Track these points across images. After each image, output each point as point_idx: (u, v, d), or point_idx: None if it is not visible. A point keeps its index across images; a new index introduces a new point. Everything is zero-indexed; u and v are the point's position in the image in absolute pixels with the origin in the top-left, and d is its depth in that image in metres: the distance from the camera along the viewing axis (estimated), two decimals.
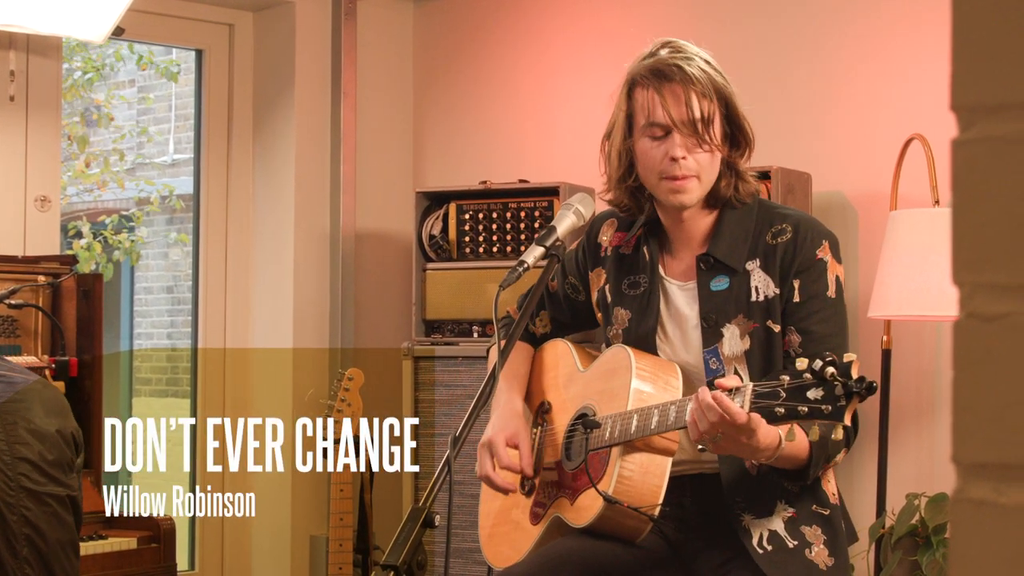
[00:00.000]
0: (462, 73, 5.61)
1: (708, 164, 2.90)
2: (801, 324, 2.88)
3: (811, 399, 2.50)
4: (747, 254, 2.93)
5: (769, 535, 2.88)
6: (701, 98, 2.86)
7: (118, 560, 4.26)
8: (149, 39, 5.85)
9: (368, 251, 5.55)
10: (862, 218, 4.49)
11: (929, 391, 4.35)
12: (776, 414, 2.53)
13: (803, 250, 2.90)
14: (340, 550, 4.35)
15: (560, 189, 4.73)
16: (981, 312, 0.97)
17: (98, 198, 9.09)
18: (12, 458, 2.93)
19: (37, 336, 4.46)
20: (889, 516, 4.10)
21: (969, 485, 0.97)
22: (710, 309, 2.93)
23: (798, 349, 2.88)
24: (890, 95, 4.45)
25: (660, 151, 2.88)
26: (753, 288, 2.91)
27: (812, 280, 2.90)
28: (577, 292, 3.23)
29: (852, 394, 2.47)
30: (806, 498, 2.92)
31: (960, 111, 0.97)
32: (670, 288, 3.01)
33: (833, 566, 2.92)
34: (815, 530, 2.91)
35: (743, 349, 2.89)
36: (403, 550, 2.47)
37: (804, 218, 2.97)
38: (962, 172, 0.97)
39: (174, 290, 9.23)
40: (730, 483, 2.90)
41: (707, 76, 2.88)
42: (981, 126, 0.96)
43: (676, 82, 2.86)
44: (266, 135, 5.50)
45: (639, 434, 2.82)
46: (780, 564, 2.85)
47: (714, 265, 2.94)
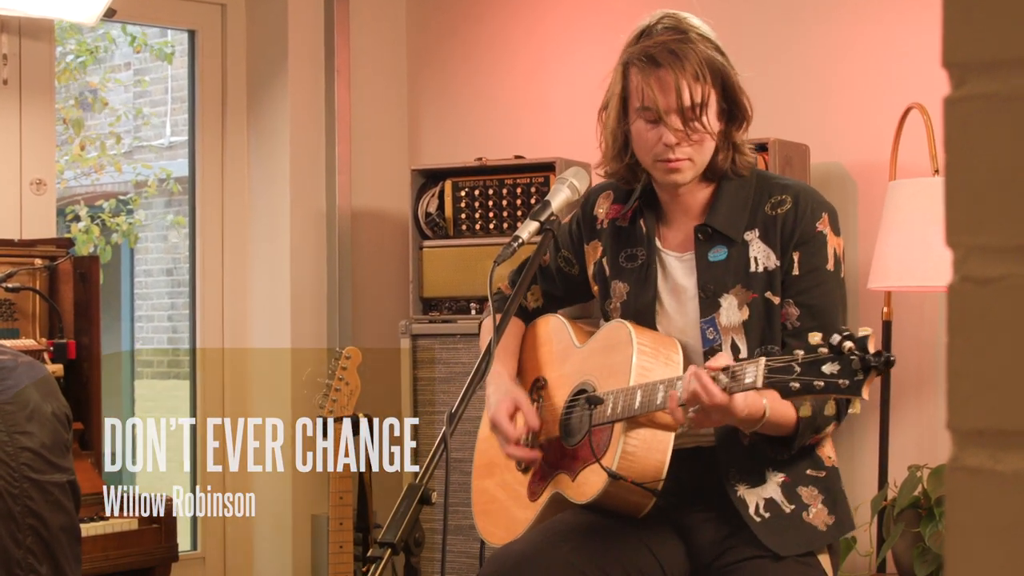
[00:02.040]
0: (456, 49, 5.58)
1: (700, 146, 2.88)
2: (799, 297, 2.87)
3: (827, 373, 2.47)
4: (745, 224, 2.92)
5: (765, 503, 2.87)
6: (694, 82, 2.84)
7: (119, 541, 4.25)
8: (141, 20, 5.81)
9: (364, 230, 5.53)
10: (861, 189, 4.47)
11: (930, 362, 4.33)
12: (791, 388, 2.51)
13: (803, 222, 2.89)
14: (340, 528, 4.34)
15: (556, 164, 4.71)
16: (976, 275, 0.94)
17: (96, 182, 9.07)
18: (15, 448, 2.92)
19: (35, 319, 4.45)
20: (891, 488, 4.09)
21: (965, 453, 0.95)
22: (708, 279, 2.92)
23: (796, 322, 2.87)
24: (888, 64, 4.43)
25: (654, 135, 2.87)
26: (752, 259, 2.90)
27: (811, 253, 2.89)
28: (571, 265, 3.21)
29: (870, 368, 2.44)
30: (799, 462, 2.91)
31: (952, 68, 0.95)
32: (668, 260, 2.99)
33: (833, 524, 2.90)
34: (811, 491, 2.90)
35: (741, 320, 2.88)
36: (400, 527, 2.46)
37: (804, 189, 2.95)
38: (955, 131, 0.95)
39: (174, 272, 9.22)
40: (725, 454, 2.89)
41: (701, 56, 2.85)
42: (974, 83, 0.94)
43: (667, 68, 2.84)
44: (260, 115, 5.48)
45: (643, 410, 2.80)
46: (778, 531, 2.85)
47: (712, 235, 2.93)
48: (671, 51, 2.84)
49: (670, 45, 2.85)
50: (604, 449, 2.89)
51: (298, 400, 5.27)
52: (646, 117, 2.88)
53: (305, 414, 5.22)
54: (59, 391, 3.15)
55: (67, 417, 3.10)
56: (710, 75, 2.85)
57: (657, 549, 2.96)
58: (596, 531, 2.94)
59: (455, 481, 4.50)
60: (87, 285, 4.53)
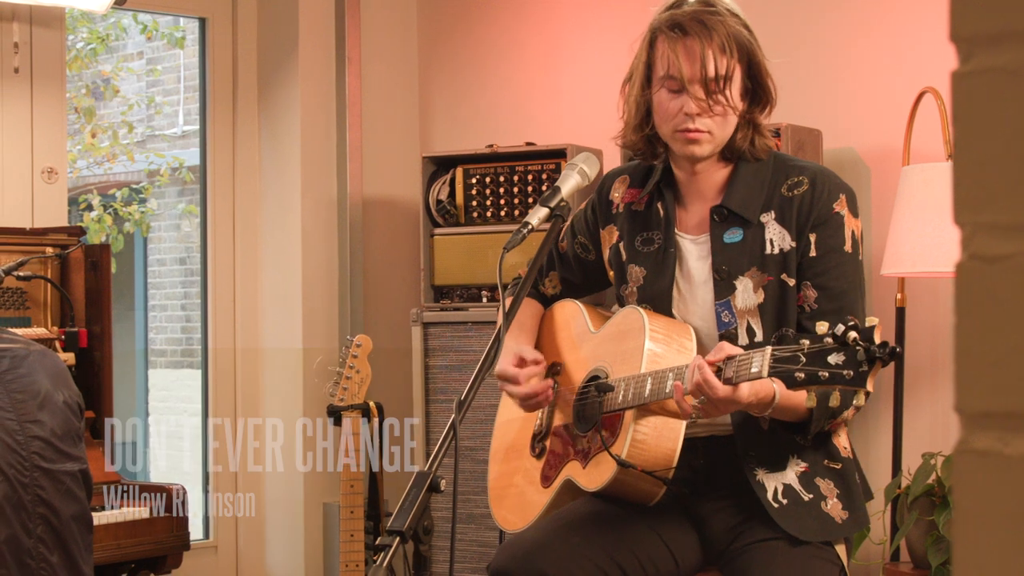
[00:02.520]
0: (467, 36, 5.56)
1: (723, 120, 2.87)
2: (817, 279, 2.86)
3: (832, 364, 2.46)
4: (762, 206, 2.90)
5: (784, 489, 2.85)
6: (720, 54, 2.83)
7: (131, 529, 4.24)
8: (151, 8, 5.80)
9: (375, 217, 5.51)
10: (874, 174, 4.44)
11: (944, 349, 4.30)
12: (796, 379, 2.50)
13: (820, 203, 2.87)
14: (351, 517, 4.33)
15: (567, 151, 4.69)
16: (983, 253, 0.92)
17: (108, 171, 9.06)
18: (25, 437, 2.91)
19: (46, 308, 4.45)
20: (905, 476, 4.06)
21: (973, 435, 0.92)
22: (723, 261, 2.90)
23: (813, 304, 2.85)
24: (901, 49, 4.40)
25: (675, 104, 2.86)
26: (768, 240, 2.88)
27: (829, 234, 2.87)
28: (587, 252, 3.20)
29: (875, 359, 2.43)
30: (817, 452, 2.90)
31: (959, 42, 0.93)
32: (683, 243, 2.98)
33: (848, 519, 2.89)
34: (828, 484, 2.89)
35: (756, 302, 2.87)
36: (409, 515, 2.45)
37: (821, 171, 2.94)
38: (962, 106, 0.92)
39: (187, 261, 9.21)
40: (744, 439, 2.88)
41: (729, 30, 2.84)
42: (981, 57, 0.91)
43: (694, 37, 2.83)
44: (271, 103, 5.46)
45: (653, 398, 2.79)
46: (795, 518, 2.83)
47: (728, 217, 2.91)
48: (700, 21, 2.83)
49: (699, 16, 2.84)
50: (614, 437, 2.88)
51: (309, 389, 5.26)
52: (669, 86, 2.87)
53: (316, 403, 5.22)
54: (71, 379, 3.15)
55: (79, 406, 3.09)
56: (737, 50, 2.84)
57: (670, 539, 2.95)
58: (609, 520, 2.92)
59: (465, 469, 4.49)
60: (98, 273, 4.53)
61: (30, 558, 2.88)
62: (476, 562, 4.67)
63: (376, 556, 2.42)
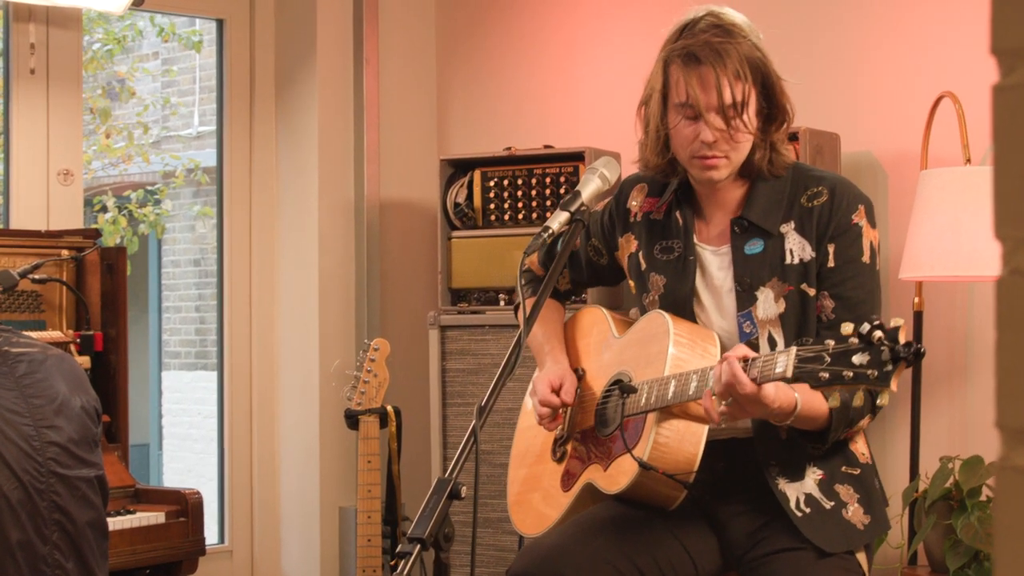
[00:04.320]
0: (485, 38, 5.56)
1: (739, 145, 2.87)
2: (835, 289, 2.86)
3: (856, 364, 2.46)
4: (782, 217, 2.91)
5: (805, 498, 2.86)
6: (735, 80, 2.83)
7: (146, 535, 4.23)
8: (168, 9, 5.79)
9: (393, 220, 5.51)
10: (892, 178, 4.43)
11: (961, 353, 4.29)
12: (820, 379, 2.50)
13: (838, 214, 2.88)
14: (368, 522, 4.32)
15: (585, 154, 4.68)
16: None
17: (123, 172, 9.08)
18: (42, 443, 2.90)
19: (61, 311, 4.44)
20: (923, 479, 4.06)
21: (1014, 452, 0.91)
22: (744, 272, 2.91)
23: (831, 315, 2.86)
24: (919, 52, 4.39)
25: (691, 131, 2.87)
26: (788, 251, 2.89)
27: (847, 245, 2.88)
28: (599, 255, 3.23)
29: (899, 359, 2.43)
30: (834, 459, 2.91)
31: (1001, 55, 0.92)
32: (703, 254, 2.99)
33: (870, 524, 2.89)
34: (847, 489, 2.90)
35: (778, 312, 2.88)
36: (430, 522, 2.44)
37: (840, 181, 2.94)
38: (1003, 120, 0.91)
39: (201, 263, 9.22)
40: (764, 447, 2.88)
41: (743, 54, 2.83)
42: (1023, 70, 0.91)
43: (708, 66, 2.83)
44: (289, 105, 5.46)
45: (676, 400, 2.80)
46: (819, 526, 2.84)
47: (748, 228, 2.92)
48: (713, 48, 2.83)
49: (712, 42, 2.83)
50: (636, 439, 2.88)
51: (325, 391, 5.26)
52: (686, 114, 2.87)
53: (332, 405, 5.22)
54: (89, 384, 3.14)
55: (96, 411, 3.08)
56: (751, 74, 2.84)
57: (689, 544, 2.95)
58: (628, 525, 2.92)
59: (482, 473, 4.49)
60: (114, 276, 4.52)
61: (45, 564, 2.87)
62: (493, 566, 4.67)
63: (395, 562, 2.42)
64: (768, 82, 2.89)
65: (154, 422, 9.52)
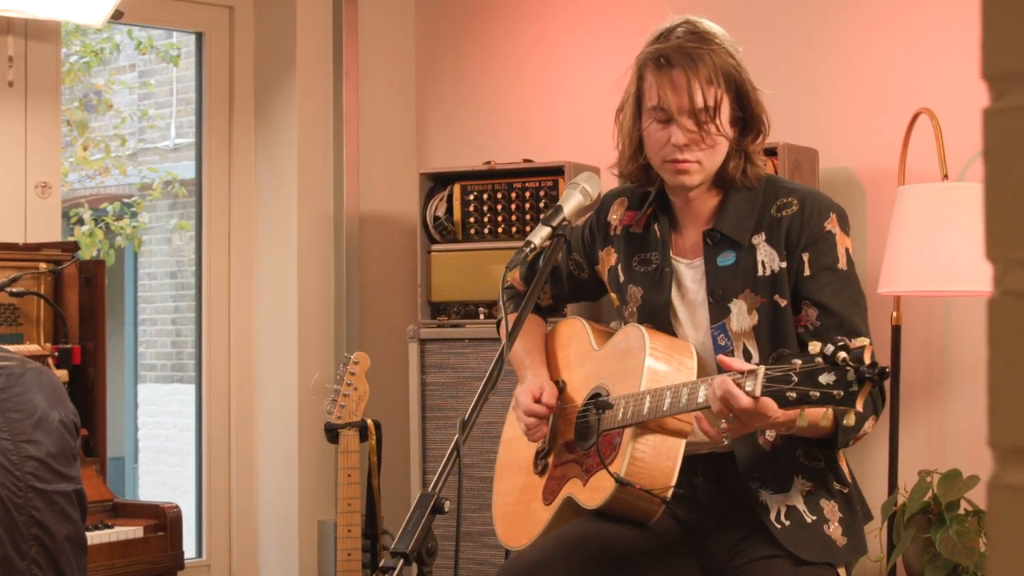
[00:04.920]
0: (465, 52, 5.57)
1: (711, 150, 2.88)
2: (815, 297, 2.87)
3: (823, 384, 2.48)
4: (753, 228, 2.93)
5: (787, 510, 2.87)
6: (707, 85, 2.84)
7: (125, 549, 4.22)
8: (148, 22, 5.79)
9: (372, 233, 5.52)
10: (870, 194, 4.46)
11: (939, 367, 4.32)
12: (788, 398, 2.52)
13: (810, 223, 2.89)
14: (349, 535, 4.32)
15: (565, 168, 4.69)
16: (1017, 289, 0.93)
17: (100, 184, 9.06)
18: (20, 457, 2.90)
19: (39, 324, 4.44)
20: (901, 493, 4.08)
21: (1006, 470, 0.93)
22: (716, 285, 2.92)
23: (816, 323, 2.86)
24: (897, 69, 4.41)
25: (664, 135, 2.88)
26: (760, 263, 2.90)
27: (821, 253, 2.89)
28: (580, 270, 3.24)
29: (864, 379, 2.45)
30: (825, 473, 2.91)
31: (992, 80, 0.93)
32: (679, 267, 3.01)
33: (847, 545, 2.90)
34: (832, 506, 2.90)
35: (751, 324, 2.89)
36: (413, 536, 2.45)
37: (810, 192, 2.96)
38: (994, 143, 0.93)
39: (178, 275, 9.21)
40: (745, 461, 2.89)
41: (716, 61, 2.85)
42: (1014, 95, 0.92)
43: (680, 69, 2.84)
44: (268, 118, 5.46)
45: (652, 415, 2.80)
46: (799, 538, 2.85)
47: (720, 240, 2.94)
48: (686, 53, 2.85)
49: (686, 47, 2.85)
50: (613, 454, 2.89)
51: (304, 404, 5.26)
52: (658, 117, 2.89)
53: (310, 418, 5.21)
54: (67, 397, 3.14)
55: (75, 425, 3.08)
56: (724, 80, 2.86)
57: (669, 559, 2.96)
58: (608, 540, 2.93)
59: (465, 487, 4.49)
60: (92, 290, 4.51)
61: None
62: None
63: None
64: (742, 91, 2.90)
65: (130, 435, 9.50)
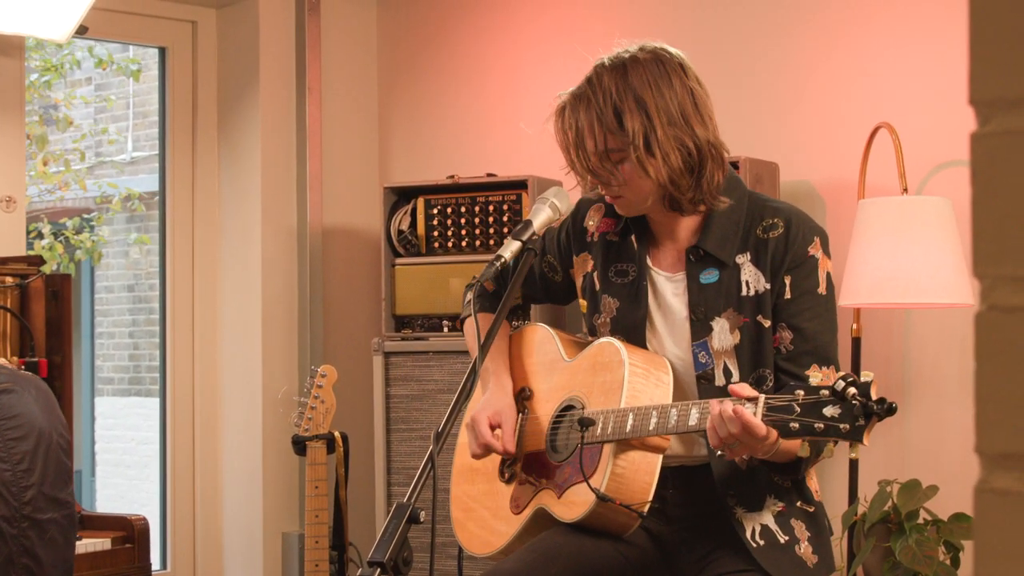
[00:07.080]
0: (427, 67, 5.60)
1: (627, 187, 2.88)
2: (792, 320, 2.88)
3: (828, 416, 2.50)
4: (738, 247, 2.92)
5: (761, 529, 2.89)
6: (590, 129, 2.86)
7: (92, 561, 4.23)
8: (112, 37, 5.80)
9: (336, 247, 5.54)
10: (830, 207, 4.51)
11: (898, 378, 4.37)
12: (791, 429, 2.54)
13: (795, 246, 2.89)
14: (316, 547, 4.34)
15: (528, 182, 4.73)
16: (1003, 304, 0.98)
17: (60, 198, 9.04)
18: (19, 488, 2.90)
19: (6, 338, 4.43)
20: (862, 503, 4.12)
21: (993, 476, 0.98)
22: (699, 302, 2.93)
23: (789, 346, 2.88)
24: (857, 84, 4.47)
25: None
26: (744, 282, 2.91)
27: (803, 277, 2.89)
28: (554, 272, 3.22)
29: (872, 415, 2.47)
30: (793, 494, 2.94)
31: (979, 105, 0.98)
32: (658, 279, 3.00)
33: (817, 563, 2.93)
34: (800, 526, 2.93)
35: (733, 344, 2.89)
36: (389, 546, 2.48)
37: (795, 213, 2.95)
38: (982, 165, 0.98)
39: (135, 288, 9.19)
40: (722, 478, 2.91)
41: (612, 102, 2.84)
42: (1000, 120, 0.97)
43: (571, 113, 2.91)
44: (231, 132, 5.48)
45: (635, 434, 2.81)
46: (775, 560, 2.87)
47: (704, 257, 2.94)
48: (577, 96, 2.90)
49: (578, 92, 2.90)
50: (592, 469, 2.89)
51: (269, 417, 5.28)
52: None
53: (278, 432, 5.23)
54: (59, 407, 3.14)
55: (68, 442, 3.09)
56: (615, 123, 2.84)
57: (643, 572, 2.98)
58: (584, 552, 2.94)
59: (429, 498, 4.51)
60: (59, 303, 4.51)
61: None
62: None
63: None
64: (651, 128, 2.83)
65: (87, 448, 9.47)
